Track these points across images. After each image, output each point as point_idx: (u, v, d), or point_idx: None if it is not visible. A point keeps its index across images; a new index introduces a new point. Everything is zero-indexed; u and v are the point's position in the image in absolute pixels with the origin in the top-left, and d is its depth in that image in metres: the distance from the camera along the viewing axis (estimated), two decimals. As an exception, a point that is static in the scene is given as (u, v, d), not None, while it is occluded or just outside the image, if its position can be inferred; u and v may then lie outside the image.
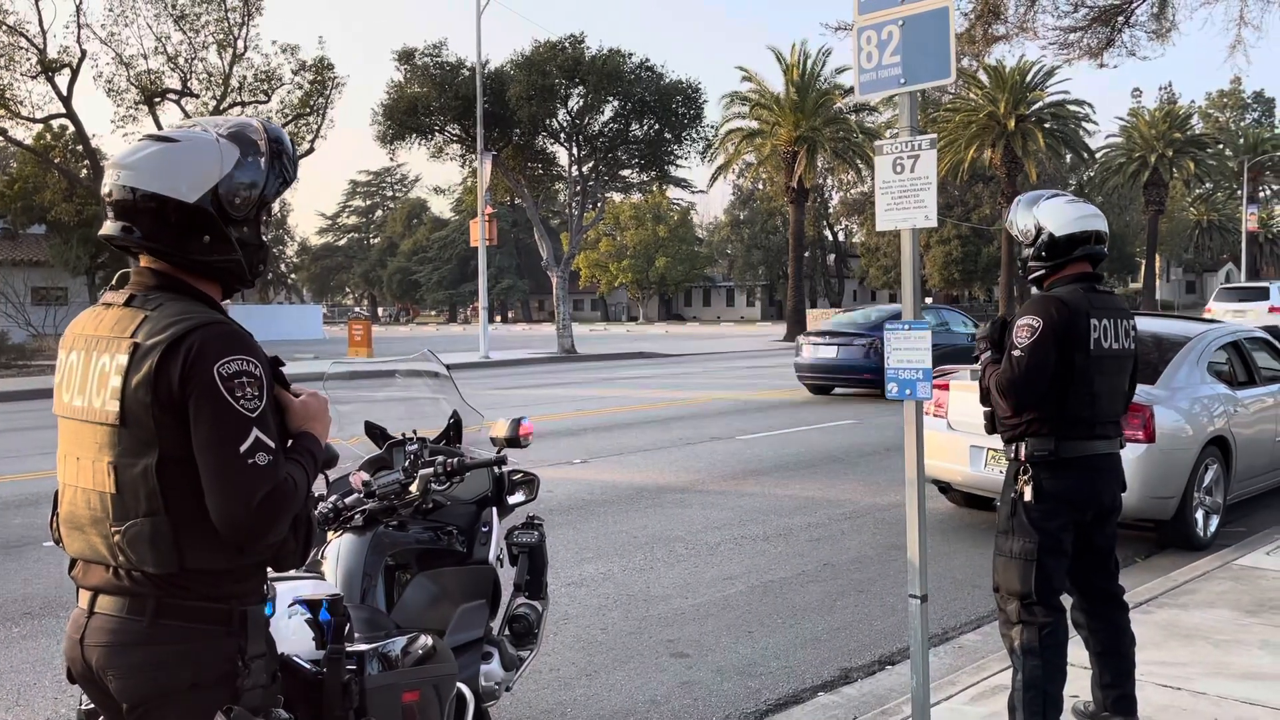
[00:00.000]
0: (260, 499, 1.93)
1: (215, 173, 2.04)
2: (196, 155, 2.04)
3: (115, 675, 2.01)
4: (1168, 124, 55.97)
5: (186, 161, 2.03)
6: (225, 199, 2.05)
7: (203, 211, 2.03)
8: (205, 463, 1.94)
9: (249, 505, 1.93)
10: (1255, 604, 5.70)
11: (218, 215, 2.04)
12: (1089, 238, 3.82)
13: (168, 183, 2.01)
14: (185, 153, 2.04)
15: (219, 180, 2.04)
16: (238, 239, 2.09)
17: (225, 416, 1.93)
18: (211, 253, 2.07)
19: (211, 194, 2.03)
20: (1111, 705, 3.99)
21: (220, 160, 2.05)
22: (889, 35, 3.67)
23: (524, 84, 29.95)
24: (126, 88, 29.82)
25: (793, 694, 4.83)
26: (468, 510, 3.66)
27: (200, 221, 2.04)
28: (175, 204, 2.01)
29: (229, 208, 2.05)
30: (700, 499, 9.19)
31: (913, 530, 3.71)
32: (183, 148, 2.05)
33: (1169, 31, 14.21)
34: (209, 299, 2.10)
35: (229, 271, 2.11)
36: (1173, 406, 7.23)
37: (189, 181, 2.02)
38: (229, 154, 2.06)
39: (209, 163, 2.04)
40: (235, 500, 1.93)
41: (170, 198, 2.01)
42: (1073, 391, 3.70)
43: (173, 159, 2.03)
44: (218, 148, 2.06)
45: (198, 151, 2.05)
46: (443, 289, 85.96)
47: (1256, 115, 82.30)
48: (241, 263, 2.11)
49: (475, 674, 3.42)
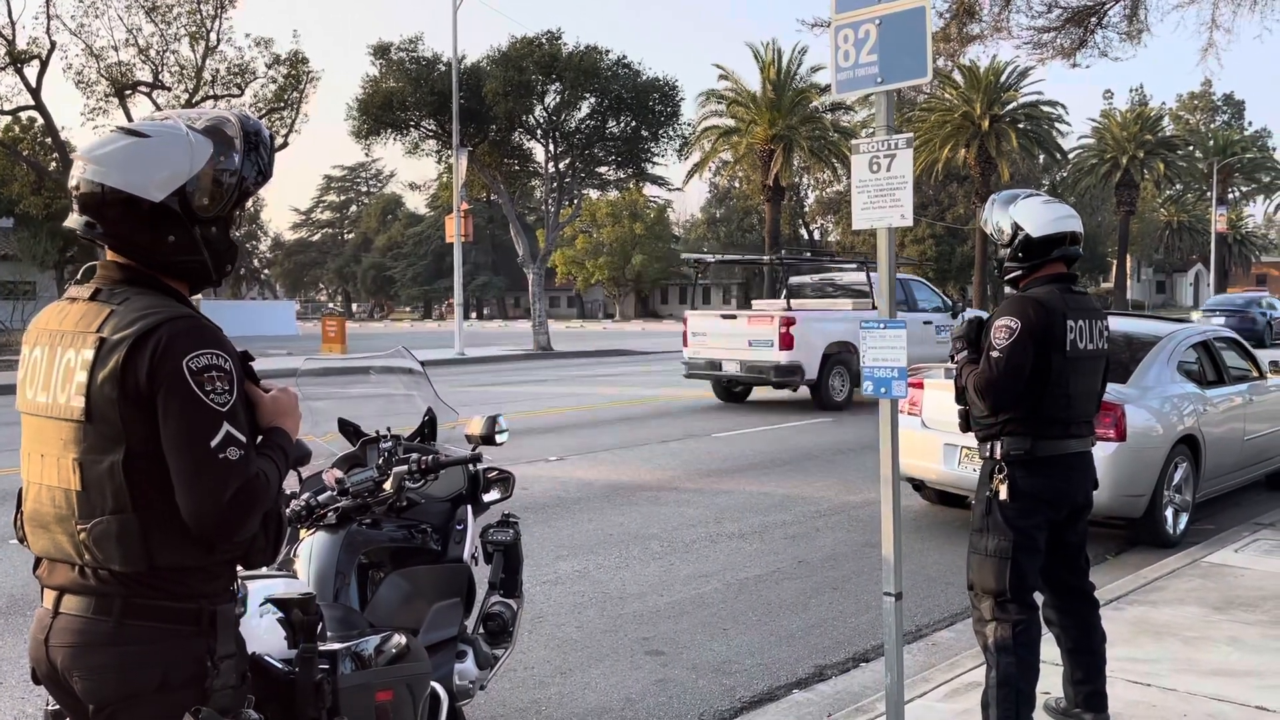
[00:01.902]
0: (231, 495, 1.90)
1: (184, 171, 1.99)
2: (166, 152, 2.00)
3: (81, 676, 1.98)
4: (1139, 125, 56.57)
5: (155, 159, 1.99)
6: (193, 199, 2.00)
7: (168, 211, 1.99)
8: (175, 458, 1.91)
9: (219, 501, 1.90)
10: (1224, 601, 5.76)
11: (184, 215, 2.00)
12: (1065, 239, 3.84)
13: (135, 180, 1.97)
14: (155, 149, 2.00)
15: (187, 180, 2.00)
16: (204, 239, 2.04)
17: (195, 411, 1.90)
18: (176, 252, 2.03)
19: (179, 193, 1.99)
20: (1083, 701, 4.03)
21: (190, 158, 2.00)
22: (866, 34, 3.67)
23: (500, 80, 29.82)
24: (97, 80, 29.53)
25: (767, 691, 4.84)
26: (442, 508, 3.64)
27: (166, 221, 2.00)
28: (141, 202, 1.97)
29: (196, 208, 2.01)
30: (676, 496, 9.20)
31: (888, 528, 3.72)
32: (153, 144, 2.00)
33: (1141, 33, 14.35)
34: (177, 293, 2.07)
35: (193, 271, 2.07)
36: (1143, 405, 7.30)
37: (156, 180, 1.98)
38: (200, 151, 2.02)
39: (178, 160, 2.00)
40: (206, 496, 1.90)
41: (136, 195, 1.97)
42: (1049, 392, 3.72)
43: (142, 155, 1.99)
44: (189, 144, 2.01)
45: (168, 148, 2.00)
46: (418, 285, 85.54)
47: (1226, 117, 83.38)
48: (206, 263, 2.07)
49: (449, 673, 3.39)
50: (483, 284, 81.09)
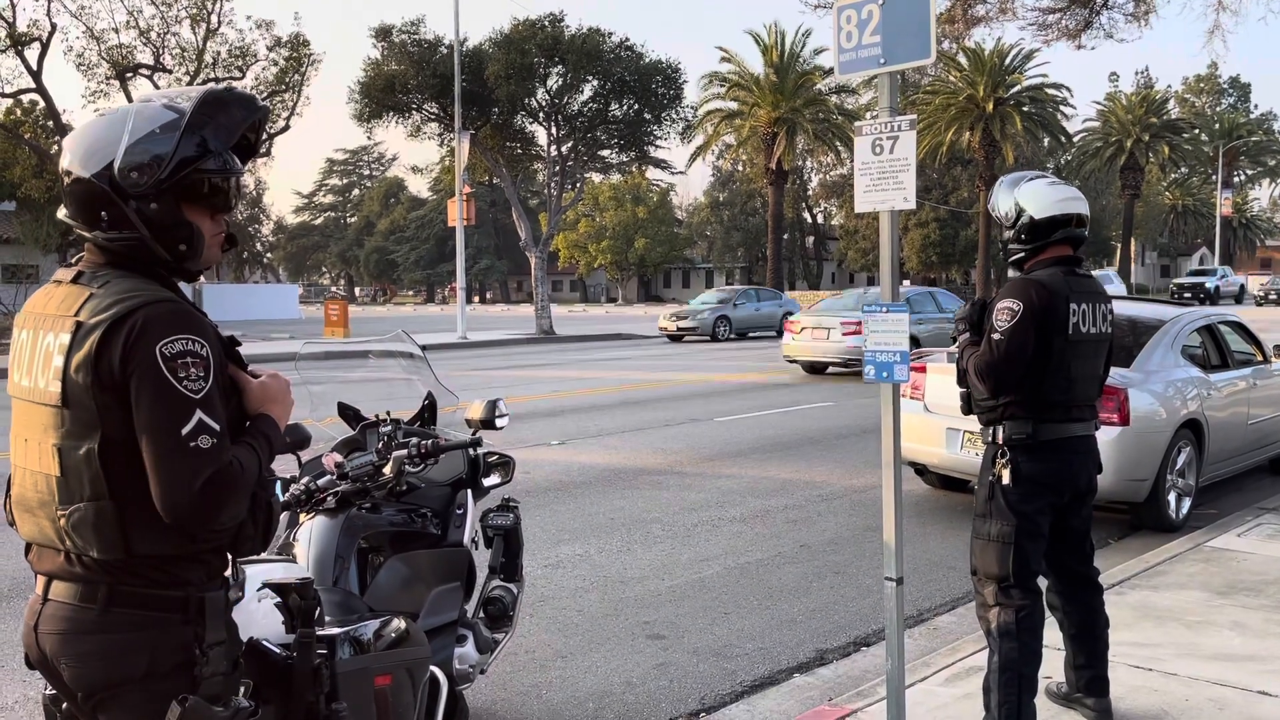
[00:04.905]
0: (202, 483, 1.86)
1: (114, 146, 1.94)
2: (104, 129, 1.97)
3: (68, 664, 1.96)
4: (1144, 109, 56.36)
5: (92, 135, 1.97)
6: (121, 172, 1.93)
7: (94, 186, 1.94)
8: (146, 445, 1.87)
9: (190, 489, 1.86)
10: (1226, 585, 5.75)
11: (112, 190, 1.93)
12: (1069, 220, 3.80)
13: (76, 158, 1.96)
14: (96, 126, 1.98)
15: (117, 154, 1.93)
16: (144, 217, 1.94)
17: (166, 398, 1.86)
18: (111, 228, 1.96)
19: (107, 167, 1.93)
20: (1084, 686, 4.02)
21: (126, 133, 1.95)
22: (869, 14, 3.63)
23: (502, 63, 29.70)
24: (98, 62, 29.48)
25: (768, 675, 4.84)
26: (442, 492, 3.63)
27: (99, 198, 1.94)
28: (82, 180, 1.95)
29: (125, 184, 1.93)
30: (677, 480, 9.19)
31: (889, 513, 3.70)
32: (99, 121, 1.99)
33: (1147, 14, 14.23)
34: (161, 276, 2.02)
35: (134, 250, 1.98)
36: (1147, 389, 7.27)
37: (86, 155, 1.95)
38: (140, 126, 1.95)
39: (110, 136, 1.95)
40: (176, 484, 1.86)
41: (77, 174, 1.95)
42: (1050, 375, 3.70)
43: (84, 134, 1.98)
44: (128, 118, 1.96)
45: (108, 125, 1.97)
46: (420, 269, 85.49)
47: (1232, 100, 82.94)
48: (146, 243, 1.96)
49: (449, 657, 3.39)
50: (485, 268, 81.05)
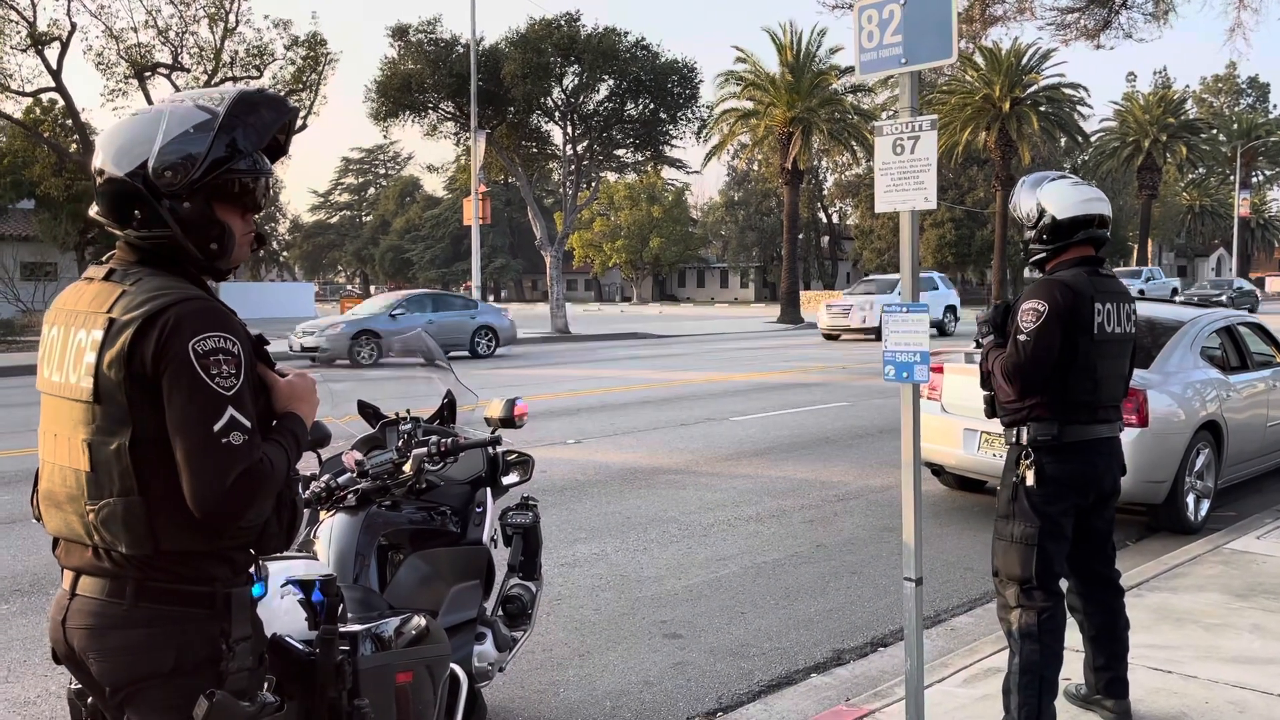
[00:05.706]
0: (234, 480, 1.88)
1: (148, 145, 1.96)
2: (138, 128, 1.99)
3: (96, 658, 1.98)
4: (1162, 108, 55.99)
5: (126, 134, 1.99)
6: (155, 171, 1.95)
7: (128, 185, 1.96)
8: (178, 442, 1.89)
9: (221, 486, 1.87)
10: (1246, 588, 5.71)
11: (146, 189, 1.96)
12: (1091, 221, 3.78)
13: (107, 155, 1.98)
14: (130, 126, 2.00)
15: (152, 154, 1.95)
16: (177, 216, 1.97)
17: (199, 394, 1.88)
18: (143, 227, 1.98)
19: (141, 166, 1.96)
20: (1104, 688, 4.00)
21: (161, 132, 1.97)
22: (890, 14, 3.62)
23: (519, 62, 29.75)
24: (116, 61, 29.63)
25: (785, 675, 4.83)
26: (462, 491, 3.64)
27: (133, 197, 1.97)
28: (114, 179, 1.97)
29: (160, 183, 1.95)
30: (694, 480, 9.19)
31: (908, 513, 3.69)
32: (132, 121, 2.01)
33: (1166, 13, 14.15)
34: (192, 275, 2.05)
35: (168, 249, 2.00)
36: (1166, 391, 7.23)
37: (119, 154, 1.97)
38: (174, 126, 1.98)
39: (144, 135, 1.97)
40: (208, 481, 1.87)
41: (110, 173, 1.97)
42: (1075, 375, 3.68)
43: (117, 132, 2.00)
44: (161, 119, 1.99)
45: (142, 125, 1.99)
46: (435, 268, 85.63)
47: (1251, 100, 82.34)
48: (178, 241, 1.99)
49: (469, 655, 3.40)
50: (500, 266, 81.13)
